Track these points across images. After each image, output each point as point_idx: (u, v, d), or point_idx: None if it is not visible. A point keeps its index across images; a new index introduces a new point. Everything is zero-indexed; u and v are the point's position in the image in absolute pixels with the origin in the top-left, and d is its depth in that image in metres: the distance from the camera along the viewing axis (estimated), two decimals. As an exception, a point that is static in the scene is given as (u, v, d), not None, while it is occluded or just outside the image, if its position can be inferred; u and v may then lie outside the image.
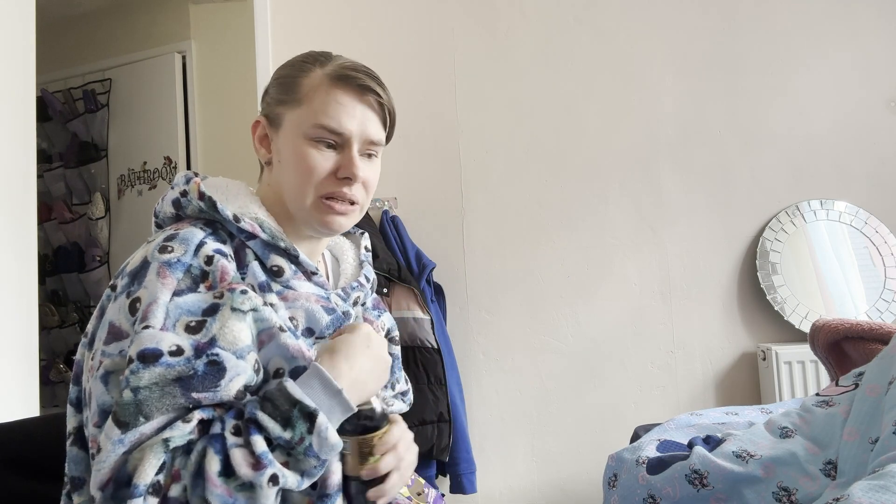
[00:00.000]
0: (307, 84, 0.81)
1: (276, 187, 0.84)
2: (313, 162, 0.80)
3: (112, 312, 0.70)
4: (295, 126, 0.81)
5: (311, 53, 0.86)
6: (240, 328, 0.69)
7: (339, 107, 0.80)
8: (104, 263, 3.39)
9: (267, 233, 0.78)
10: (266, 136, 0.85)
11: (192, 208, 0.79)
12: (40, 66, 2.05)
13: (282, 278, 0.78)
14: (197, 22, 3.25)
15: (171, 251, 0.71)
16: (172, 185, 0.82)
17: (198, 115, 3.23)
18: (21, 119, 1.86)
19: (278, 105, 0.83)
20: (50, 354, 3.49)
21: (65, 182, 3.52)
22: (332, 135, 0.80)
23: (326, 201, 0.81)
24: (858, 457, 0.89)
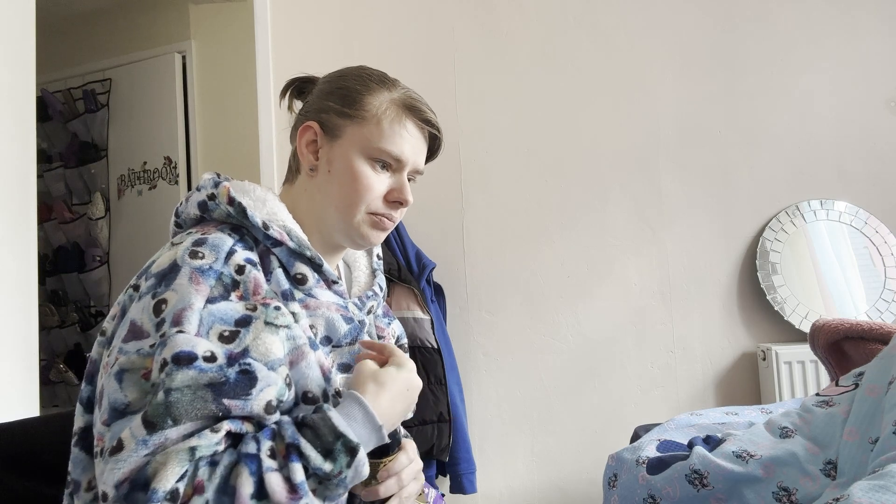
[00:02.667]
0: (374, 104, 0.82)
1: (313, 195, 0.84)
2: (369, 182, 0.81)
3: (134, 312, 0.69)
4: (356, 142, 0.81)
5: (373, 72, 0.86)
6: (272, 341, 0.68)
7: (406, 136, 0.82)
8: (104, 263, 3.39)
9: (294, 241, 0.78)
10: (315, 143, 0.84)
11: (220, 212, 0.78)
12: (40, 66, 2.05)
13: (305, 286, 0.78)
14: (197, 22, 3.25)
15: (203, 257, 0.71)
16: (199, 187, 0.81)
17: (198, 115, 3.23)
18: (21, 119, 1.86)
19: (339, 116, 0.83)
20: (50, 354, 3.50)
21: (65, 182, 3.52)
22: (392, 160, 0.82)
23: (375, 218, 0.83)
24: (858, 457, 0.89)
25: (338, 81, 0.86)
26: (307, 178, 0.85)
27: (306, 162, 0.85)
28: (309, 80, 0.91)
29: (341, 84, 0.85)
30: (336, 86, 0.85)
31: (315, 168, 0.84)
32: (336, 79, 0.87)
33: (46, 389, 3.40)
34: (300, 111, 0.89)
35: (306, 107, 0.88)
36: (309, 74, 0.92)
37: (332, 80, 0.87)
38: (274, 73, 2.33)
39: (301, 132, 0.85)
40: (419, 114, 0.84)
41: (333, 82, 0.86)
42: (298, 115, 0.89)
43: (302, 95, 0.91)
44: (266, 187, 0.85)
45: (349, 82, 0.85)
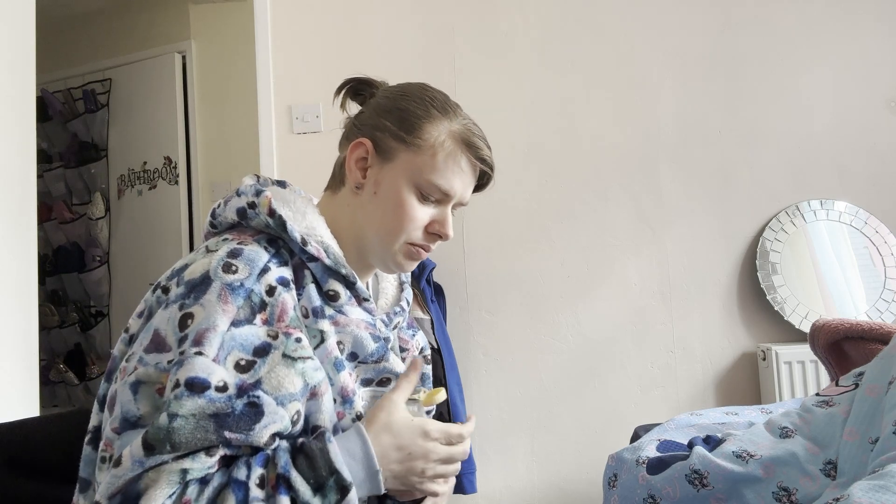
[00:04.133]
0: (432, 133, 0.80)
1: (355, 212, 0.82)
2: (414, 213, 0.80)
3: (160, 320, 0.68)
4: (407, 170, 0.79)
5: (435, 95, 0.83)
6: (286, 374, 0.67)
7: (459, 172, 0.81)
8: (104, 263, 3.39)
9: (331, 258, 0.76)
10: (365, 161, 0.81)
11: (259, 222, 0.76)
12: (40, 66, 2.05)
13: (336, 303, 0.77)
14: (197, 22, 3.25)
15: (235, 272, 0.69)
16: (239, 192, 0.79)
17: (198, 115, 3.23)
18: (21, 119, 1.86)
19: (394, 139, 0.80)
20: (50, 354, 3.50)
21: (65, 182, 3.52)
22: (441, 193, 0.80)
23: (412, 248, 0.81)
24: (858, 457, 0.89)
25: (398, 101, 0.82)
26: (351, 194, 0.83)
27: (353, 178, 0.82)
28: (367, 83, 0.88)
29: (402, 105, 0.82)
30: (396, 105, 0.82)
31: (361, 186, 0.82)
32: (397, 96, 0.83)
33: (46, 389, 3.40)
34: (355, 120, 0.86)
35: (361, 118, 0.84)
36: (367, 77, 0.88)
37: (393, 97, 0.83)
38: (274, 73, 2.33)
39: (353, 147, 0.82)
40: (476, 151, 0.82)
41: (393, 100, 0.83)
42: (352, 124, 0.86)
43: (358, 97, 0.88)
44: (306, 197, 0.84)
45: (410, 104, 0.81)
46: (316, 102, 2.31)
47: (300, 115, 2.31)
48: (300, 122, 2.31)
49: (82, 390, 3.41)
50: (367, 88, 0.88)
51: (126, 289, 3.35)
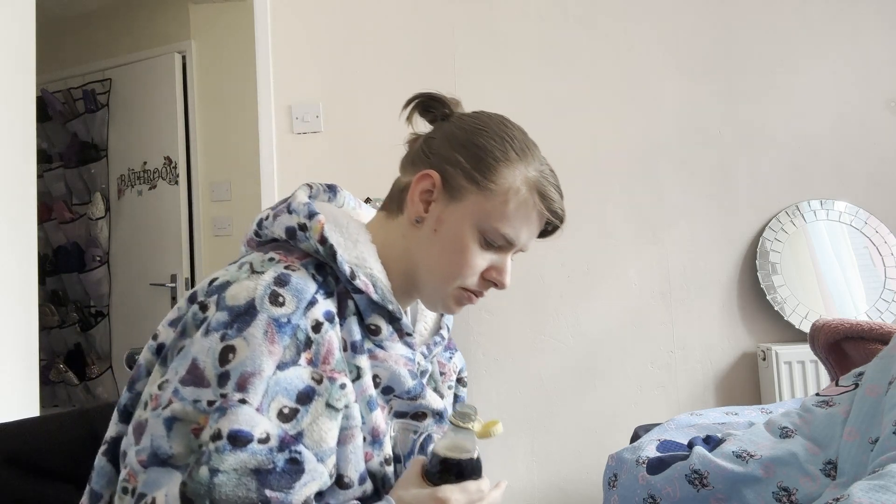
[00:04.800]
0: (507, 179, 0.75)
1: (410, 244, 0.77)
2: (474, 259, 0.75)
3: (199, 348, 0.63)
4: (475, 213, 0.74)
5: (514, 134, 0.78)
6: (328, 427, 0.65)
7: (528, 222, 0.77)
8: (104, 263, 3.39)
9: (378, 294, 0.72)
10: (430, 194, 0.76)
11: (308, 246, 0.72)
12: (40, 66, 2.05)
13: (377, 337, 0.74)
14: (197, 22, 3.25)
15: (282, 304, 0.65)
16: (290, 208, 0.73)
17: (198, 115, 3.23)
18: (21, 119, 1.86)
19: (465, 178, 0.75)
20: (50, 354, 3.50)
21: (65, 182, 3.52)
22: (505, 242, 0.76)
23: (464, 294, 0.78)
24: (858, 457, 0.89)
25: (476, 135, 0.77)
26: (409, 224, 0.77)
27: (414, 211, 0.77)
28: (439, 101, 0.83)
29: (479, 142, 0.76)
30: (472, 140, 0.76)
31: (421, 221, 0.76)
32: (474, 130, 0.78)
33: (46, 389, 3.40)
34: (424, 146, 0.80)
35: (432, 146, 0.79)
36: (439, 94, 0.83)
37: (470, 129, 0.78)
38: (274, 73, 2.33)
39: (419, 179, 0.76)
40: (549, 203, 0.77)
41: (470, 134, 0.77)
42: (420, 149, 0.80)
43: (427, 114, 0.83)
44: (358, 223, 0.78)
45: (489, 142, 0.76)
46: (316, 102, 2.31)
47: (300, 115, 2.31)
48: (300, 122, 2.31)
49: (82, 390, 3.41)
50: (439, 107, 0.83)
51: (126, 289, 3.35)
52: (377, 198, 2.25)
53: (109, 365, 3.38)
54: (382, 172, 2.29)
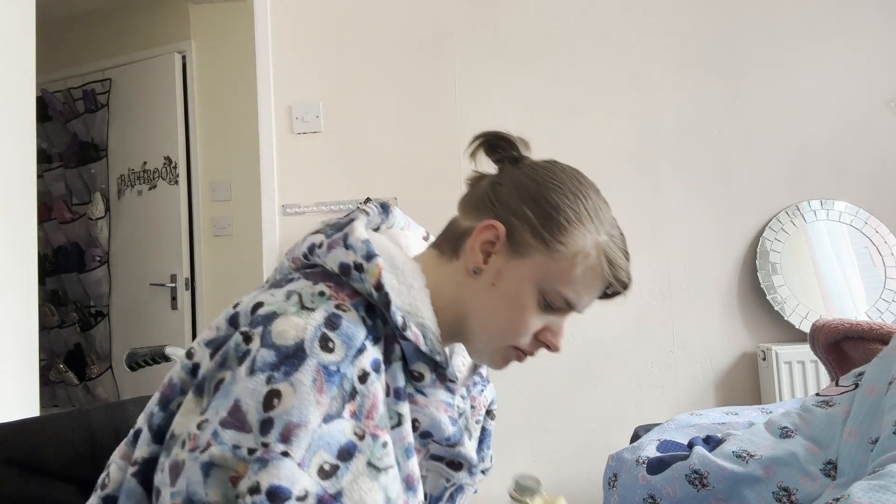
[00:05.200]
0: (577, 242, 0.71)
1: (464, 294, 0.73)
2: (531, 320, 0.72)
3: (242, 389, 0.60)
4: (538, 273, 0.71)
5: (588, 193, 0.74)
6: (369, 489, 0.61)
7: (592, 289, 0.73)
8: (104, 263, 3.39)
9: (428, 346, 0.69)
10: (493, 245, 0.71)
11: (361, 287, 0.68)
12: (40, 66, 2.05)
13: (420, 383, 0.71)
14: (197, 22, 3.25)
15: (332, 350, 0.62)
16: (347, 243, 0.69)
17: (198, 115, 3.23)
18: (21, 119, 1.86)
19: (533, 235, 0.71)
20: (50, 354, 3.50)
21: (65, 182, 3.52)
22: (566, 305, 0.72)
23: (514, 353, 0.74)
24: (858, 457, 0.89)
25: (548, 190, 0.72)
26: (464, 272, 0.73)
27: (472, 260, 0.72)
28: (507, 142, 0.79)
29: (551, 198, 0.72)
30: (544, 195, 0.72)
31: (479, 272, 0.72)
32: (546, 184, 0.73)
33: (46, 389, 3.40)
34: (490, 191, 0.75)
35: (499, 193, 0.74)
36: (508, 134, 0.79)
37: (542, 182, 0.73)
38: (274, 73, 2.33)
39: (483, 229, 0.71)
40: (616, 271, 0.73)
41: (541, 188, 0.73)
42: (486, 195, 0.75)
43: (493, 154, 0.79)
44: (414, 265, 0.73)
45: (562, 200, 0.72)
46: (316, 102, 2.31)
47: (300, 115, 2.31)
48: (300, 122, 2.31)
49: (82, 390, 3.41)
50: (507, 148, 0.79)
51: (126, 289, 3.35)
52: (377, 198, 2.26)
53: (109, 365, 3.38)
54: (382, 172, 2.30)
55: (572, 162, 0.80)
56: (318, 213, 2.29)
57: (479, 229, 0.72)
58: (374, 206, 0.77)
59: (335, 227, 0.72)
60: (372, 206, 0.77)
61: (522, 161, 0.78)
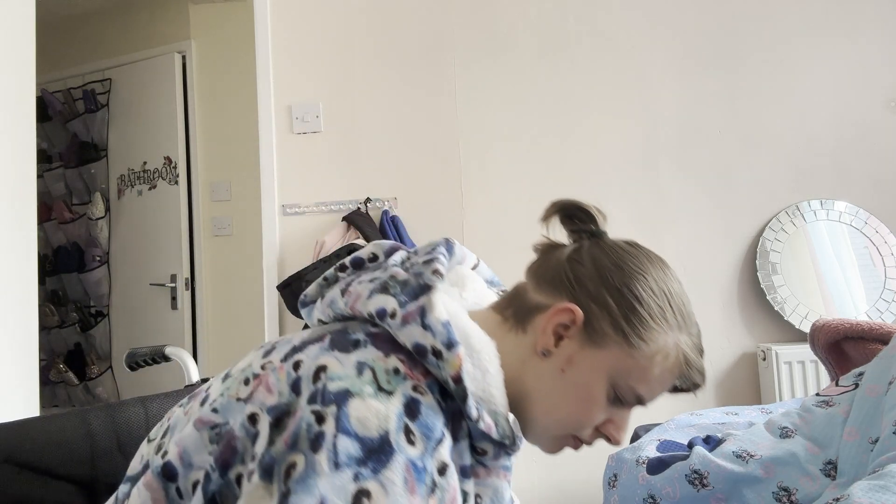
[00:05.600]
0: (659, 342, 0.66)
1: (528, 373, 0.68)
2: (598, 413, 0.67)
3: (327, 486, 0.54)
4: (612, 367, 0.66)
5: (673, 289, 0.70)
6: None
7: (665, 386, 0.70)
8: (104, 263, 3.39)
9: (499, 433, 0.65)
10: (567, 329, 0.66)
11: (437, 373, 0.62)
12: (40, 66, 2.05)
13: (483, 458, 0.68)
14: (197, 22, 3.25)
15: (414, 443, 0.57)
16: (426, 323, 0.62)
17: (198, 115, 3.23)
18: (21, 119, 1.86)
19: (612, 328, 0.66)
20: (50, 354, 3.50)
21: (65, 182, 3.52)
22: (635, 401, 0.69)
23: (571, 441, 0.70)
24: (858, 457, 0.89)
25: (634, 283, 0.67)
26: (531, 351, 0.68)
27: (542, 341, 0.67)
28: (587, 214, 0.75)
29: (638, 292, 0.67)
30: (630, 287, 0.67)
31: (548, 354, 0.67)
32: (633, 275, 0.68)
33: (46, 389, 3.40)
34: (569, 269, 0.70)
35: (579, 274, 0.69)
36: (589, 206, 0.75)
37: (627, 270, 0.69)
38: (274, 73, 2.33)
39: (559, 311, 0.66)
40: (693, 374, 0.70)
41: (627, 278, 0.68)
42: (564, 273, 0.70)
43: (569, 223, 0.76)
44: (490, 346, 0.66)
45: (647, 293, 0.67)
46: (316, 102, 2.31)
47: (300, 115, 2.31)
48: (300, 122, 2.31)
49: (82, 390, 3.41)
50: (585, 220, 0.75)
51: (126, 289, 3.35)
52: (377, 198, 2.26)
53: (109, 365, 3.38)
54: (382, 172, 2.30)
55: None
56: (318, 212, 2.29)
57: (555, 310, 0.66)
58: (442, 256, 0.69)
59: (409, 293, 0.64)
60: (442, 259, 0.69)
61: (602, 238, 0.74)
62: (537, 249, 0.77)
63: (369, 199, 2.27)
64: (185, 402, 0.69)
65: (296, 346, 0.62)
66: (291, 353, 0.62)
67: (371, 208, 2.27)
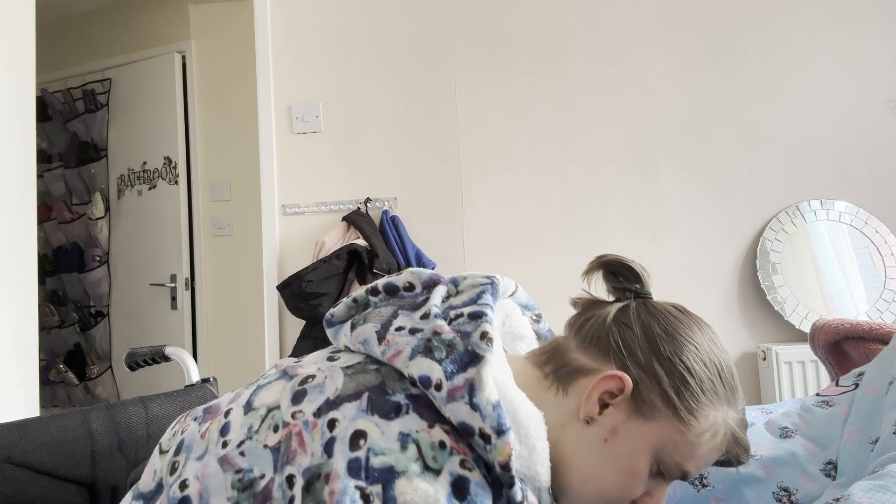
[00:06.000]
0: (709, 418, 0.63)
1: (568, 438, 0.64)
2: (639, 487, 0.64)
3: None
4: (659, 440, 0.63)
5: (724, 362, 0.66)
6: None
7: (709, 462, 0.67)
8: (104, 263, 3.40)
9: None
10: (613, 397, 0.63)
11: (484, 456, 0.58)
12: (40, 66, 2.05)
13: None
14: (197, 22, 3.25)
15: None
16: (473, 401, 0.57)
17: (198, 115, 3.23)
18: (21, 119, 1.86)
19: (662, 401, 0.62)
20: (50, 354, 3.50)
21: (65, 182, 3.52)
22: (678, 475, 0.66)
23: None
24: (858, 457, 0.89)
25: (685, 352, 0.64)
26: (573, 416, 0.64)
27: (586, 408, 0.63)
28: (634, 274, 0.72)
29: (688, 363, 0.64)
30: (682, 360, 0.64)
31: (591, 422, 0.63)
32: (684, 343, 0.65)
33: (46, 389, 3.40)
34: (618, 337, 0.66)
35: (628, 341, 0.65)
36: (634, 264, 0.72)
37: (679, 341, 0.65)
38: (274, 73, 2.33)
39: (607, 378, 0.63)
40: (740, 451, 0.67)
41: (679, 347, 0.65)
42: (612, 337, 0.67)
43: (613, 279, 0.73)
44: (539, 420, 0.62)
45: (700, 367, 0.64)
46: (316, 102, 2.31)
47: (300, 115, 2.31)
48: (300, 122, 2.31)
49: (82, 390, 3.41)
50: (631, 279, 0.72)
51: (126, 289, 3.35)
52: (377, 198, 2.26)
53: (109, 365, 3.38)
54: (382, 172, 2.30)
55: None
56: (318, 212, 2.29)
57: (603, 378, 0.63)
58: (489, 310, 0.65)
59: (455, 361, 0.59)
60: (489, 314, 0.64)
61: (649, 300, 0.70)
62: (577, 304, 0.74)
63: (369, 199, 2.27)
64: (200, 416, 0.65)
65: (330, 401, 0.58)
66: (326, 408, 0.58)
67: (371, 208, 2.27)
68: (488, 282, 0.70)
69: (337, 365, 0.63)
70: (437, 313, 0.65)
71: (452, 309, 0.66)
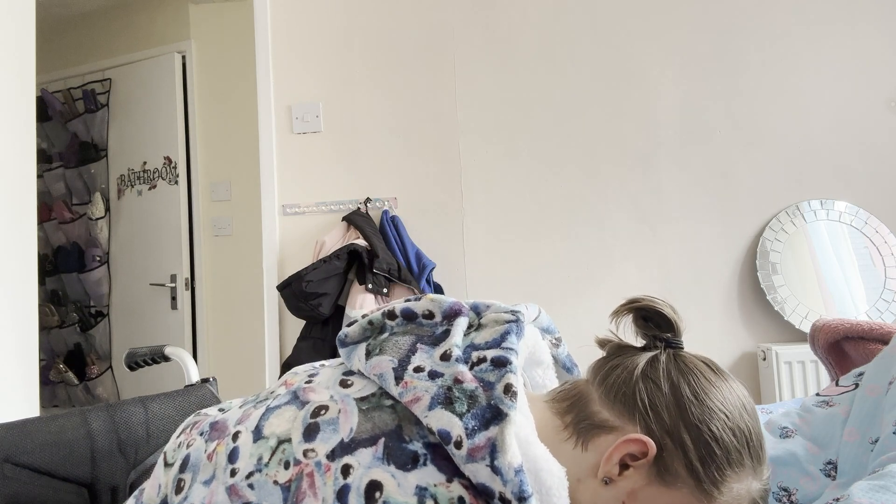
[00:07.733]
0: (733, 489, 0.61)
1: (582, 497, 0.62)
2: None
3: None
4: None
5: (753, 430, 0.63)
6: None
7: None
8: (104, 263, 3.40)
9: None
10: (635, 461, 0.61)
11: None
12: (40, 66, 2.05)
13: None
14: (197, 22, 3.25)
15: None
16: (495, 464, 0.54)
17: (198, 115, 3.23)
18: (21, 119, 1.86)
19: (685, 468, 0.60)
20: (50, 354, 3.50)
21: (65, 182, 3.52)
22: None
23: None
24: (858, 457, 0.89)
25: (714, 420, 0.61)
26: (590, 474, 0.62)
27: (605, 468, 0.61)
28: (666, 321, 0.68)
29: (716, 432, 0.61)
30: (709, 425, 0.61)
31: (609, 482, 0.61)
32: (714, 411, 0.62)
33: (46, 389, 3.41)
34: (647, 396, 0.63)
35: (655, 400, 0.62)
36: (669, 312, 0.68)
37: (709, 407, 0.62)
38: (274, 73, 2.33)
39: (630, 441, 0.61)
40: None
41: (708, 414, 0.61)
42: (639, 397, 0.63)
43: (644, 326, 0.70)
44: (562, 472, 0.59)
45: (728, 437, 0.61)
46: (316, 102, 2.31)
47: (300, 115, 2.31)
48: (300, 122, 2.31)
49: (82, 390, 3.41)
50: (664, 327, 0.68)
51: (126, 289, 3.35)
52: (377, 198, 2.26)
53: (109, 365, 3.38)
54: (382, 172, 2.30)
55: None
56: (318, 212, 2.29)
57: (626, 440, 0.61)
58: (514, 358, 0.62)
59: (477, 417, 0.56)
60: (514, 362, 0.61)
61: (680, 354, 0.66)
62: (603, 345, 0.71)
63: (369, 199, 2.27)
64: (206, 433, 0.64)
65: (344, 444, 0.56)
66: (340, 451, 0.56)
67: (371, 208, 2.27)
68: (513, 319, 0.66)
69: (351, 395, 0.61)
70: (458, 356, 0.62)
71: (475, 349, 0.63)
